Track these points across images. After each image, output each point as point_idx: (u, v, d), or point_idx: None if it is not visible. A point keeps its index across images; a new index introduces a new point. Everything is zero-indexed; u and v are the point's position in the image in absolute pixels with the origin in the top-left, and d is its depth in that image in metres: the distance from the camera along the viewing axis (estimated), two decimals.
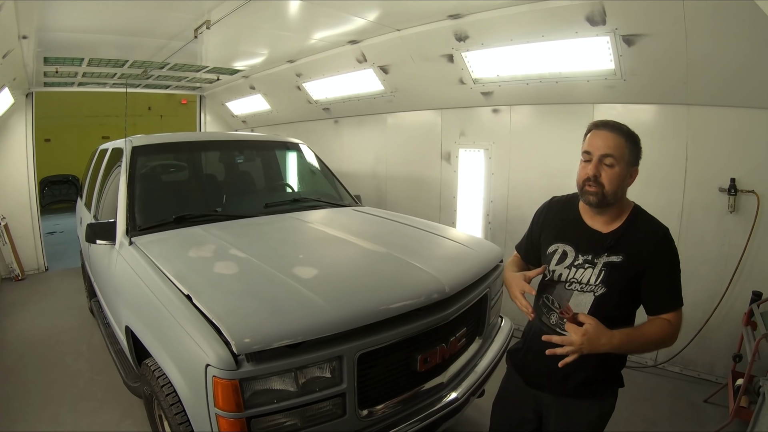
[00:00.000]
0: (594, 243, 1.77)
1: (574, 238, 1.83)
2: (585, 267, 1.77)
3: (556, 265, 1.84)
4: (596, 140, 1.74)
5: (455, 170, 5.58)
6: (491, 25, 4.16)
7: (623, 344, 1.64)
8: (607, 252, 1.74)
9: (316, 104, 7.09)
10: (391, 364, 2.15)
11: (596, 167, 1.71)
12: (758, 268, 3.73)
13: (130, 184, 3.22)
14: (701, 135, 3.89)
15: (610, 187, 1.70)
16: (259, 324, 1.86)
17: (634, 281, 1.73)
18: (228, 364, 1.71)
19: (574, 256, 1.81)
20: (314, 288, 2.14)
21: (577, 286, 1.78)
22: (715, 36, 3.30)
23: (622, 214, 1.79)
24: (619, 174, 1.71)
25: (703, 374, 4.08)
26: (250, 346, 1.74)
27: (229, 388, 1.72)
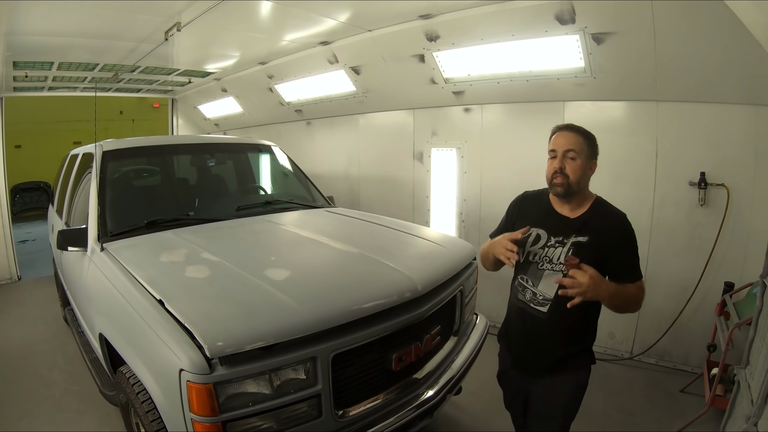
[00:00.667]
0: (564, 226, 2.06)
1: (547, 223, 2.10)
2: (556, 246, 2.04)
3: (531, 246, 2.10)
4: (559, 139, 2.06)
5: (428, 170, 5.60)
6: (462, 24, 4.19)
7: (615, 294, 1.91)
8: (575, 233, 2.02)
9: (288, 106, 7.07)
10: (366, 364, 2.16)
11: (561, 161, 2.03)
12: (729, 259, 3.81)
13: (100, 189, 3.16)
14: (671, 131, 3.97)
15: (574, 177, 2.01)
16: (231, 327, 1.84)
17: (598, 259, 1.93)
18: (201, 368, 1.70)
19: (546, 238, 2.08)
20: (286, 290, 2.13)
21: (548, 266, 2.05)
22: (683, 34, 3.37)
23: (585, 202, 2.09)
24: (581, 165, 2.02)
25: (678, 365, 4.14)
26: (223, 349, 1.73)
27: (203, 392, 1.70)
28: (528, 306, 2.11)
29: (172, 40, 4.79)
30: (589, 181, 2.10)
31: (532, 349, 2.14)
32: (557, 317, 2.02)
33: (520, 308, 2.15)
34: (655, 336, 4.16)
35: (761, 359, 2.08)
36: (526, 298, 2.12)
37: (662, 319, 4.12)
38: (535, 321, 2.07)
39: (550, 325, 2.04)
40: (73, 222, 3.77)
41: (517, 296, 2.17)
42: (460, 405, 3.55)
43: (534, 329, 2.09)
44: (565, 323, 2.03)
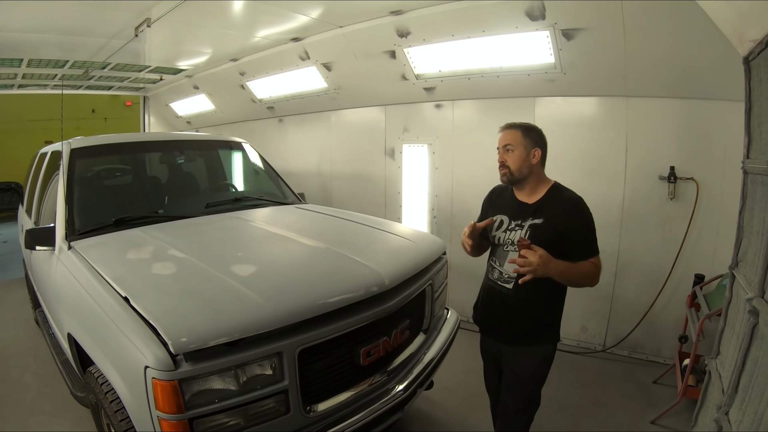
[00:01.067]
0: (523, 211, 2.30)
1: (509, 209, 2.36)
2: (516, 229, 2.28)
3: (496, 231, 2.36)
4: (500, 138, 2.35)
5: (399, 166, 5.61)
6: (433, 20, 4.21)
7: (565, 271, 2.14)
8: (532, 216, 2.26)
9: (260, 103, 7.03)
10: (333, 359, 2.15)
11: (501, 155, 2.32)
12: (699, 252, 3.89)
13: (68, 187, 3.11)
14: (640, 125, 4.03)
15: (513, 166, 2.28)
16: (195, 323, 1.83)
17: (554, 239, 2.17)
18: (166, 364, 1.69)
19: (508, 222, 2.33)
20: (252, 285, 2.12)
21: (511, 247, 2.28)
22: (652, 30, 3.42)
23: (542, 188, 2.32)
24: (518, 156, 2.27)
25: (651, 356, 4.21)
26: (187, 345, 1.72)
27: (168, 389, 1.69)
28: (496, 284, 2.37)
29: (142, 36, 4.74)
30: (538, 168, 2.32)
31: (500, 320, 2.35)
32: (521, 293, 2.25)
33: (491, 286, 2.41)
34: (627, 328, 4.23)
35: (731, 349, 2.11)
36: (495, 277, 2.38)
37: (634, 311, 4.18)
38: (502, 296, 2.32)
39: (514, 300, 2.28)
40: (43, 221, 3.71)
41: (488, 276, 2.44)
42: (433, 400, 3.57)
43: (501, 303, 2.34)
44: (529, 298, 2.26)
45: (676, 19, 3.25)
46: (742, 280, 2.12)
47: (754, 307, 1.73)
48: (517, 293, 2.27)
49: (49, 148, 4.47)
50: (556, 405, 3.52)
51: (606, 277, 4.16)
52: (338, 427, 2.10)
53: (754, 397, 1.65)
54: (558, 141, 4.30)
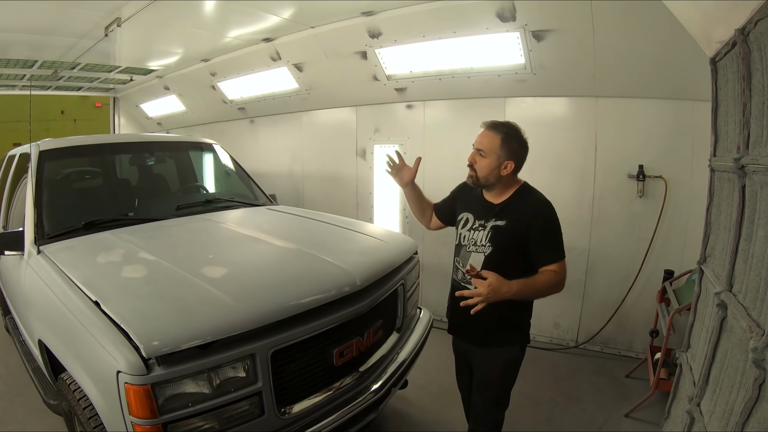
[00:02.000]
0: (487, 211, 2.24)
1: (475, 208, 2.32)
2: (479, 229, 2.24)
3: (461, 229, 2.33)
4: (478, 137, 2.25)
5: (371, 166, 5.62)
6: (404, 21, 4.22)
7: (521, 290, 2.06)
8: (495, 217, 2.20)
9: (232, 104, 6.98)
10: (307, 360, 2.16)
11: (473, 155, 2.24)
12: (669, 248, 3.97)
13: (37, 190, 3.07)
14: (609, 125, 4.10)
15: (480, 173, 2.21)
16: (167, 326, 1.82)
17: (516, 242, 2.15)
18: (138, 369, 1.68)
19: (473, 221, 2.29)
20: (223, 287, 2.12)
21: (473, 247, 2.24)
22: (621, 31, 3.48)
23: (509, 189, 2.26)
24: (488, 165, 2.19)
25: (623, 351, 4.28)
26: (159, 348, 1.71)
27: (141, 393, 1.68)
28: (460, 284, 2.31)
29: (112, 36, 4.67)
30: (508, 177, 2.22)
31: (465, 320, 2.27)
32: None
33: (454, 286, 2.37)
34: (599, 324, 4.29)
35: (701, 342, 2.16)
36: (458, 277, 2.33)
37: (605, 307, 4.25)
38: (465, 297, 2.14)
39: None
40: (11, 225, 3.65)
41: (453, 276, 2.40)
42: (408, 399, 3.59)
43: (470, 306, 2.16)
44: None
45: (644, 20, 3.31)
46: (710, 275, 2.18)
47: (722, 300, 1.78)
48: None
49: (17, 150, 4.38)
50: (530, 400, 3.56)
51: (577, 274, 4.27)
52: (314, 428, 2.11)
53: (724, 388, 1.69)
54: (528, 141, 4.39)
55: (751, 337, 1.41)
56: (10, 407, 3.66)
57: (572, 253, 4.17)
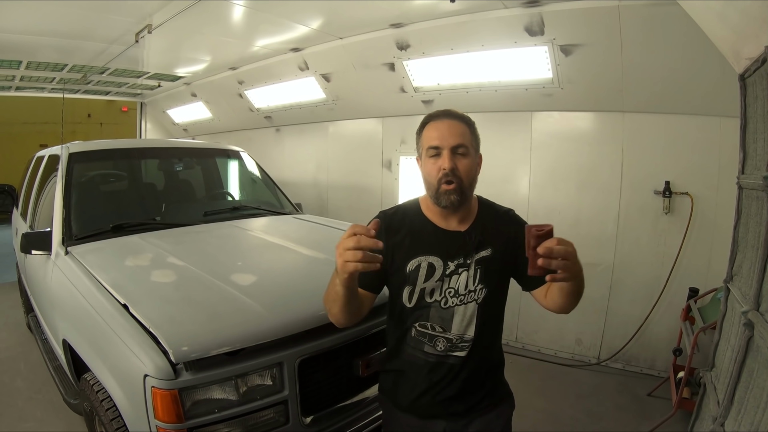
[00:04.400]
0: (460, 245, 1.61)
1: (437, 247, 1.61)
2: (459, 272, 1.59)
3: (426, 282, 1.59)
4: (441, 131, 1.56)
5: (396, 178, 5.64)
6: (432, 34, 4.24)
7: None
8: (476, 248, 1.60)
9: (258, 112, 7.03)
10: (333, 370, 2.15)
11: (451, 159, 1.54)
12: (694, 265, 3.91)
13: (66, 191, 3.10)
14: (636, 140, 4.07)
15: (467, 179, 1.56)
16: (196, 332, 1.83)
17: (507, 270, 1.65)
18: (166, 373, 1.68)
19: (443, 265, 1.59)
20: (252, 294, 2.12)
21: (455, 299, 1.59)
22: (649, 46, 3.47)
23: (472, 208, 1.68)
24: (472, 164, 1.58)
25: (645, 369, 4.22)
26: (188, 354, 1.71)
27: (168, 398, 1.68)
28: (446, 357, 1.61)
29: (142, 42, 4.75)
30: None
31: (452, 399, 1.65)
32: (481, 359, 1.65)
33: (431, 362, 1.62)
34: (621, 341, 4.24)
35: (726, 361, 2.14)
36: (439, 350, 1.61)
37: (628, 324, 4.20)
38: (456, 369, 1.62)
39: (471, 365, 1.63)
40: (38, 225, 3.69)
41: (423, 350, 1.63)
42: None
43: (452, 379, 1.63)
44: (489, 352, 1.70)
45: (673, 36, 3.30)
46: (737, 294, 2.15)
47: (749, 319, 1.75)
48: (474, 356, 1.62)
49: (46, 151, 4.45)
50: (551, 417, 3.52)
51: (601, 290, 4.23)
52: None
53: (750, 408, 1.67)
54: (554, 155, 4.42)
55: None
56: (30, 404, 3.70)
57: (596, 269, 4.20)
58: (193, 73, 6.84)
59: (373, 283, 1.63)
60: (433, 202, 1.60)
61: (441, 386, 1.63)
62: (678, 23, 3.11)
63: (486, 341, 1.64)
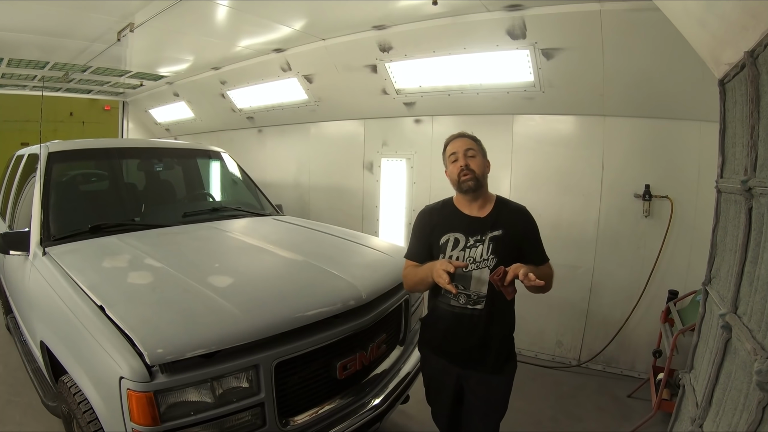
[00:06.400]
0: (478, 226, 2.19)
1: (462, 227, 2.21)
2: (476, 246, 2.16)
3: (452, 250, 2.19)
4: (457, 144, 2.29)
5: (377, 180, 5.64)
6: (415, 36, 4.25)
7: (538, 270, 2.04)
8: (490, 229, 2.17)
9: (240, 113, 6.99)
10: (310, 373, 2.15)
11: (465, 159, 2.22)
12: (673, 268, 3.96)
13: (44, 191, 3.07)
14: (616, 144, 4.11)
15: (479, 171, 2.21)
16: (172, 334, 1.82)
17: (514, 250, 2.13)
18: (142, 375, 1.67)
19: (465, 239, 2.18)
20: (229, 297, 2.11)
21: (473, 265, 2.14)
22: (630, 51, 3.51)
23: (490, 202, 2.27)
24: (481, 162, 2.24)
25: (625, 371, 4.25)
26: (163, 356, 1.70)
27: (143, 400, 1.68)
28: (465, 309, 2.16)
29: (124, 41, 4.71)
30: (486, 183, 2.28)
31: (472, 346, 2.19)
32: (494, 310, 2.14)
33: (456, 313, 2.18)
34: (602, 343, 4.27)
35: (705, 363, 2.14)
36: (461, 303, 2.17)
37: (609, 326, 4.24)
38: (474, 319, 2.15)
39: (488, 319, 2.14)
40: (17, 225, 3.64)
41: (449, 303, 2.20)
42: (409, 413, 3.56)
43: (472, 328, 2.16)
44: (503, 314, 2.19)
45: (653, 41, 3.34)
46: (715, 296, 2.16)
47: (727, 322, 1.77)
48: (491, 310, 2.14)
49: (25, 150, 4.40)
50: (531, 419, 3.54)
51: (581, 292, 4.27)
52: None
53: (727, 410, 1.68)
54: (535, 158, 4.44)
55: (756, 359, 1.41)
56: (8, 407, 3.64)
57: (576, 272, 4.23)
58: (175, 73, 6.77)
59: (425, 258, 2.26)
60: (457, 191, 2.28)
61: (464, 332, 2.17)
62: (658, 28, 3.16)
63: (497, 299, 2.07)
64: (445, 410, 2.38)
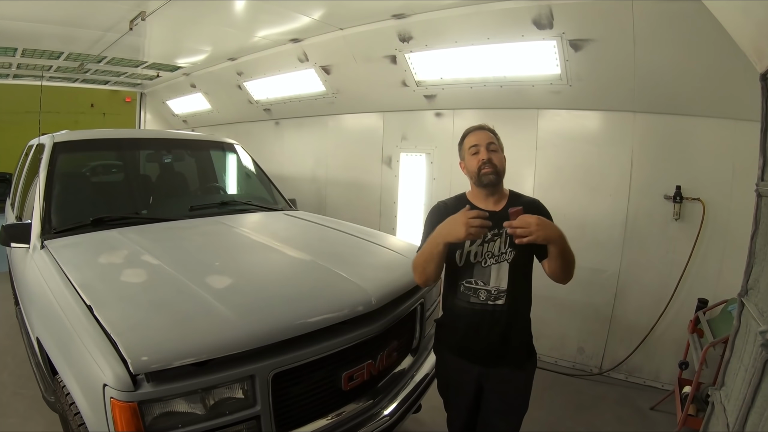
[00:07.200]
0: (494, 220, 2.05)
1: None
2: (494, 239, 2.10)
3: (470, 246, 2.12)
4: (478, 136, 2.22)
5: (396, 175, 5.52)
6: (436, 26, 4.12)
7: (564, 239, 1.99)
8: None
9: (257, 105, 6.94)
10: (313, 383, 2.00)
11: (487, 153, 2.15)
12: (703, 275, 3.77)
13: (48, 182, 3.00)
14: (647, 142, 3.93)
15: (500, 166, 2.16)
16: (160, 340, 1.68)
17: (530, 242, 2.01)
18: (125, 384, 1.54)
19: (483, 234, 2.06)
20: (226, 299, 1.96)
21: (492, 259, 2.10)
22: (664, 43, 3.34)
23: (504, 196, 2.23)
24: (502, 157, 2.20)
25: (648, 381, 4.08)
26: (148, 365, 1.57)
27: (127, 411, 1.55)
28: (486, 305, 2.12)
29: (137, 30, 4.67)
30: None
31: (493, 342, 2.14)
32: (516, 305, 2.12)
33: (476, 310, 2.13)
34: (625, 351, 4.10)
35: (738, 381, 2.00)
36: (482, 299, 2.13)
37: (633, 334, 4.06)
38: (496, 315, 2.10)
39: (510, 314, 2.10)
40: (25, 216, 3.57)
41: (469, 300, 2.15)
42: (422, 420, 3.41)
43: (494, 324, 2.11)
44: (524, 308, 2.19)
45: (689, 32, 3.16)
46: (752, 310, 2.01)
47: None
48: (511, 306, 2.10)
49: (35, 140, 4.35)
50: (548, 428, 3.40)
51: (606, 297, 4.11)
52: None
53: None
54: (561, 156, 4.32)
55: None
56: (13, 399, 3.63)
57: (601, 276, 4.09)
58: (192, 64, 6.78)
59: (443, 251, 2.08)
60: (476, 185, 2.20)
61: (486, 329, 2.11)
62: (694, 18, 2.98)
63: (518, 293, 2.10)
64: (462, 414, 2.30)
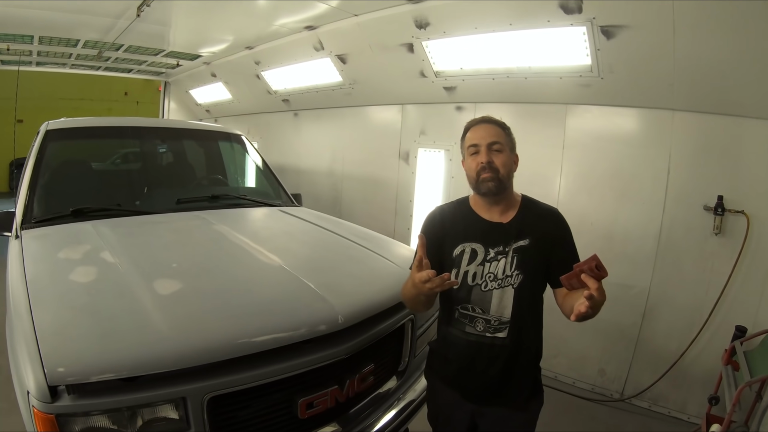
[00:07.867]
0: (500, 234, 1.86)
1: (480, 235, 1.88)
2: (498, 259, 1.83)
3: (468, 264, 1.85)
4: (479, 132, 1.90)
5: (413, 171, 5.35)
6: (454, 10, 3.92)
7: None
8: (515, 238, 1.84)
9: (276, 95, 6.93)
10: (263, 409, 1.76)
11: (488, 154, 1.84)
12: (743, 299, 3.45)
13: (34, 170, 2.96)
14: (686, 145, 3.65)
15: (504, 170, 1.84)
16: (82, 350, 1.51)
17: (542, 262, 1.84)
18: (44, 395, 1.42)
19: (484, 251, 1.85)
20: (166, 309, 1.75)
21: (494, 283, 1.82)
22: (707, 33, 3.06)
23: (514, 204, 1.93)
24: (507, 159, 1.87)
25: (673, 411, 3.76)
26: (63, 377, 1.42)
27: (46, 422, 1.44)
28: (483, 337, 1.84)
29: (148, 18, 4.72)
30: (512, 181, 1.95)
31: (491, 380, 1.87)
32: (520, 339, 1.84)
33: (472, 342, 1.86)
34: (651, 377, 3.79)
35: None
36: (479, 330, 1.85)
37: (661, 359, 3.75)
38: (495, 349, 1.83)
39: (513, 349, 1.83)
40: None
41: (464, 330, 1.87)
42: None
43: (493, 358, 1.84)
44: (528, 341, 1.87)
45: (739, 18, 2.87)
46: None
47: None
48: (515, 340, 1.82)
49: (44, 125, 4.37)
50: None
51: (633, 316, 3.82)
52: None
53: None
54: (590, 156, 4.05)
55: None
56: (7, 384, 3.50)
57: (629, 292, 3.80)
58: (211, 53, 6.85)
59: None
60: (475, 191, 1.92)
61: (483, 365, 1.84)
62: (743, 6, 2.74)
63: (523, 325, 1.82)
64: None
